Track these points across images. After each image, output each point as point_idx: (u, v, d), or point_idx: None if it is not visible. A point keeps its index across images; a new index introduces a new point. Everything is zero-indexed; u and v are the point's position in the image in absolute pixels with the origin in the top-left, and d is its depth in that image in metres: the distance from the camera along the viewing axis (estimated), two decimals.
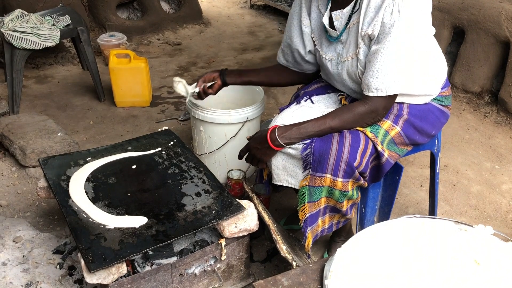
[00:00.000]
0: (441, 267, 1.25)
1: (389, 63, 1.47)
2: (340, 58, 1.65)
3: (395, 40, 1.45)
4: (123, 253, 1.44)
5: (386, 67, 1.47)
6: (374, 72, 1.49)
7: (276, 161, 1.69)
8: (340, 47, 1.65)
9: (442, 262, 1.26)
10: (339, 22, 1.61)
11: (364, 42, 1.54)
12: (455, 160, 2.67)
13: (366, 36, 1.52)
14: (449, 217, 2.21)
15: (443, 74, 1.73)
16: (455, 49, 3.44)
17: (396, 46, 1.45)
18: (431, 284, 1.20)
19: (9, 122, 2.71)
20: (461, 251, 1.29)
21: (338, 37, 1.63)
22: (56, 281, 1.77)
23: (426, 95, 1.69)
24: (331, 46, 1.68)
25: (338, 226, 1.74)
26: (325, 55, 1.71)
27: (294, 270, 1.31)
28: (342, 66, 1.65)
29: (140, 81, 3.23)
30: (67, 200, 1.68)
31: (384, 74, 1.48)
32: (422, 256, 1.28)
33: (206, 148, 2.39)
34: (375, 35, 1.48)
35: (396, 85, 1.51)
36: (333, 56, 1.68)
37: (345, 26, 1.59)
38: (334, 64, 1.69)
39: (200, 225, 1.57)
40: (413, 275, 1.22)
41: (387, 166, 1.63)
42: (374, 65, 1.49)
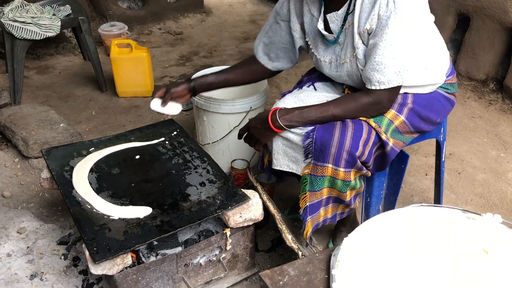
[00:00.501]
0: (449, 257, 1.23)
1: (389, 55, 1.44)
2: (339, 61, 1.62)
3: (393, 31, 1.42)
4: (128, 244, 1.43)
5: (386, 59, 1.45)
6: (374, 65, 1.46)
7: (276, 146, 1.67)
8: (338, 49, 1.61)
9: (450, 251, 1.25)
10: (335, 24, 1.58)
11: (363, 39, 1.50)
12: (460, 148, 2.65)
13: (365, 32, 1.48)
14: (455, 206, 2.20)
15: (446, 61, 1.71)
16: (459, 37, 3.40)
17: (394, 37, 1.42)
18: (439, 273, 1.19)
19: (11, 113, 2.70)
20: (469, 240, 1.28)
21: (335, 40, 1.60)
22: (61, 272, 1.76)
23: (431, 85, 1.67)
24: (328, 49, 1.65)
25: (342, 216, 1.73)
26: (323, 58, 1.68)
27: (301, 259, 1.30)
28: (341, 68, 1.62)
29: (141, 71, 3.21)
30: (70, 191, 1.66)
31: (385, 67, 1.45)
32: (429, 245, 1.27)
33: (209, 138, 2.38)
34: (373, 29, 1.46)
35: (398, 76, 1.48)
36: (332, 59, 1.65)
37: (341, 28, 1.56)
38: (333, 66, 1.66)
39: (205, 215, 1.56)
40: (421, 265, 1.21)
41: (392, 154, 1.61)
42: (373, 58, 1.46)
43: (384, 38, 1.42)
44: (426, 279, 1.18)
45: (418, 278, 1.18)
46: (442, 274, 1.19)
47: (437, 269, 1.20)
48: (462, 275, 1.18)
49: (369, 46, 1.49)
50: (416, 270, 1.20)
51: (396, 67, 1.46)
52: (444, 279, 1.17)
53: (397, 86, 1.51)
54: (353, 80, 1.63)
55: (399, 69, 1.46)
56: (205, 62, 3.91)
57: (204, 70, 2.48)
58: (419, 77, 1.61)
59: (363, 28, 1.48)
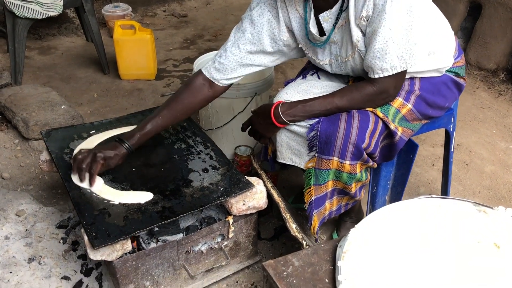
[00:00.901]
0: (458, 250, 1.19)
1: (389, 41, 1.37)
2: (340, 60, 1.55)
3: (390, 16, 1.34)
4: (128, 230, 1.40)
5: (387, 45, 1.38)
6: (375, 53, 1.40)
7: (280, 138, 1.62)
8: (335, 48, 1.54)
9: (460, 245, 1.21)
10: (328, 24, 1.50)
11: (362, 29, 1.43)
12: (468, 139, 2.60)
13: (362, 20, 1.40)
14: (462, 197, 2.16)
15: (451, 42, 1.63)
16: (470, 25, 3.32)
17: (392, 21, 1.35)
18: (447, 267, 1.15)
19: (11, 93, 2.65)
20: (479, 234, 1.24)
21: (326, 40, 1.52)
22: (59, 256, 1.73)
23: (439, 69, 1.60)
24: (325, 51, 1.58)
25: (347, 208, 1.69)
26: (322, 62, 1.61)
27: (305, 250, 1.27)
28: (345, 66, 1.56)
29: (145, 53, 3.15)
30: (70, 174, 1.62)
31: (386, 53, 1.39)
32: (438, 238, 1.23)
33: (213, 123, 2.33)
34: (370, 15, 1.38)
35: (401, 61, 1.41)
36: (331, 60, 1.58)
37: (333, 25, 1.48)
38: (335, 66, 1.59)
39: (208, 202, 1.52)
40: (429, 258, 1.17)
41: (400, 143, 1.57)
42: (373, 46, 1.39)
43: (383, 23, 1.35)
44: (434, 273, 1.14)
45: (425, 271, 1.14)
46: (450, 267, 1.15)
47: (445, 263, 1.17)
48: (471, 269, 1.14)
49: (367, 34, 1.42)
50: (423, 263, 1.16)
51: (398, 51, 1.39)
52: (452, 273, 1.13)
53: (401, 72, 1.44)
54: (358, 74, 1.57)
55: (401, 53, 1.40)
56: (210, 46, 3.85)
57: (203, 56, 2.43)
58: (426, 62, 1.55)
59: (359, 17, 1.40)
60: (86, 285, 1.64)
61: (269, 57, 1.65)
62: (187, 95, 1.67)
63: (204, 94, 1.67)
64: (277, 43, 1.61)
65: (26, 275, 1.64)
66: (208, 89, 1.67)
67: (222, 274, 1.70)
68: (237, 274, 1.74)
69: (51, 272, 1.67)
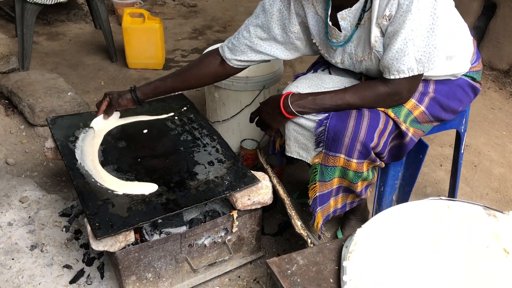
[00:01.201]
0: (465, 254, 1.17)
1: (409, 42, 1.34)
2: (355, 58, 1.52)
3: (415, 17, 1.31)
4: (131, 221, 1.38)
5: (406, 46, 1.34)
6: (394, 53, 1.36)
7: (288, 131, 1.60)
8: (350, 47, 1.51)
9: (468, 249, 1.19)
10: (346, 22, 1.46)
11: (381, 28, 1.39)
12: (478, 140, 2.56)
13: (384, 20, 1.36)
14: (469, 199, 2.13)
15: (470, 48, 1.60)
16: (483, 24, 3.27)
17: (416, 23, 1.31)
18: (453, 271, 1.13)
19: (18, 78, 2.64)
20: (488, 238, 1.21)
21: (347, 41, 1.49)
22: (61, 244, 1.72)
23: (454, 75, 1.57)
24: (337, 50, 1.55)
25: (352, 206, 1.66)
26: (334, 60, 1.58)
27: (310, 248, 1.25)
28: (360, 65, 1.53)
29: (153, 42, 3.13)
30: (74, 162, 1.61)
31: (405, 54, 1.35)
32: (446, 241, 1.21)
33: (219, 116, 2.31)
34: (392, 15, 1.34)
35: (419, 64, 1.37)
36: (344, 58, 1.55)
37: (356, 25, 1.44)
38: (349, 64, 1.56)
39: (212, 195, 1.50)
40: (435, 261, 1.15)
41: (410, 145, 1.54)
42: (393, 46, 1.36)
43: (406, 24, 1.31)
44: (441, 276, 1.12)
45: (432, 274, 1.12)
46: (457, 272, 1.13)
47: (453, 267, 1.15)
48: (479, 274, 1.12)
49: (387, 34, 1.38)
50: (430, 266, 1.14)
51: (417, 53, 1.35)
52: (459, 277, 1.12)
53: (418, 75, 1.41)
54: (373, 74, 1.54)
55: (420, 56, 1.36)
56: (218, 37, 3.82)
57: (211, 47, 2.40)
58: (443, 67, 1.51)
59: (381, 16, 1.36)
60: (87, 275, 1.63)
61: (281, 48, 1.63)
62: (198, 64, 1.73)
63: (214, 68, 1.71)
64: (287, 34, 1.59)
65: (28, 262, 1.64)
66: (219, 64, 1.71)
67: (224, 269, 1.68)
68: (240, 269, 1.73)
69: (53, 260, 1.66)
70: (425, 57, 1.36)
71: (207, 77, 1.75)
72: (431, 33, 1.33)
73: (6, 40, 3.31)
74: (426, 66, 1.38)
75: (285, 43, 1.62)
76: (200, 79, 1.75)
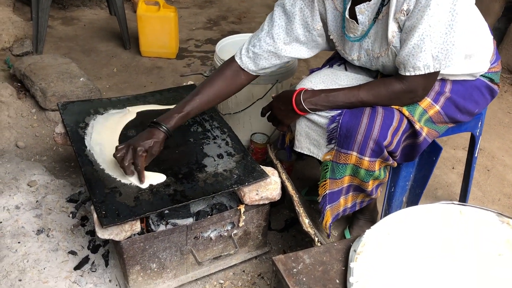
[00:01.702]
0: (476, 262, 1.15)
1: (426, 38, 1.30)
2: (372, 55, 1.48)
3: (434, 12, 1.27)
4: (138, 211, 1.37)
5: (423, 42, 1.30)
6: (410, 49, 1.33)
7: (299, 127, 1.57)
8: (367, 43, 1.47)
9: (478, 256, 1.16)
10: (364, 16, 1.43)
11: (399, 23, 1.35)
12: (492, 144, 2.52)
13: (402, 14, 1.33)
14: (481, 204, 2.09)
15: (490, 47, 1.56)
16: (503, 25, 3.21)
17: (434, 18, 1.28)
18: (462, 278, 1.10)
19: (31, 62, 2.64)
20: (501, 246, 1.18)
21: (364, 36, 1.45)
22: (68, 230, 1.72)
23: (472, 74, 1.53)
24: (354, 46, 1.51)
25: (362, 205, 1.64)
26: (351, 57, 1.55)
27: (317, 247, 1.23)
28: (376, 62, 1.49)
29: (168, 31, 3.11)
30: (83, 149, 1.60)
31: (421, 50, 1.31)
32: (456, 247, 1.18)
33: (230, 108, 2.29)
34: (410, 10, 1.31)
35: (435, 61, 1.34)
36: (361, 55, 1.51)
37: (373, 20, 1.41)
38: (365, 61, 1.52)
39: (220, 188, 1.49)
40: (446, 266, 1.13)
41: (424, 145, 1.51)
42: (410, 42, 1.32)
43: (425, 19, 1.28)
44: (449, 282, 1.09)
45: (441, 279, 1.10)
46: (466, 278, 1.10)
47: (462, 273, 1.12)
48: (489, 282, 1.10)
49: (404, 30, 1.34)
50: (440, 271, 1.12)
51: (434, 50, 1.32)
52: (468, 284, 1.09)
53: (434, 72, 1.37)
54: (389, 71, 1.51)
55: (437, 53, 1.32)
56: (233, 28, 3.79)
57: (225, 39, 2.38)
58: (461, 66, 1.48)
59: (399, 10, 1.32)
60: (92, 262, 1.63)
61: (303, 48, 1.60)
62: (221, 82, 1.62)
63: (237, 82, 1.64)
64: (310, 32, 1.55)
65: (33, 247, 1.64)
66: (241, 77, 1.64)
67: (229, 262, 1.67)
68: (244, 264, 1.72)
69: (59, 245, 1.66)
70: (442, 54, 1.32)
71: (231, 92, 1.66)
72: (449, 30, 1.30)
73: (21, 23, 3.32)
74: (443, 63, 1.34)
75: (307, 42, 1.58)
76: (225, 95, 1.65)
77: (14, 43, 3.16)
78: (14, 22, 3.25)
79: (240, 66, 1.62)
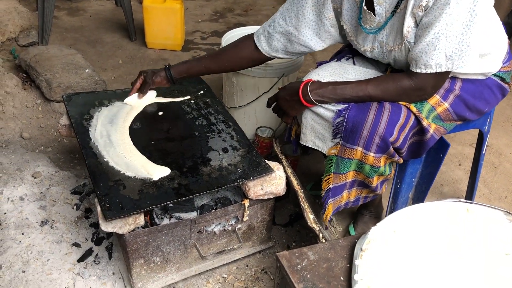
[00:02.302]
0: (484, 260, 1.13)
1: (441, 36, 1.27)
2: (385, 47, 1.46)
3: (453, 10, 1.24)
4: (141, 204, 1.36)
5: (438, 40, 1.28)
6: (424, 45, 1.30)
7: (305, 120, 1.56)
8: (382, 35, 1.45)
9: (486, 255, 1.14)
10: (382, 8, 1.40)
11: (416, 18, 1.33)
12: (499, 141, 2.49)
13: (420, 10, 1.30)
14: (487, 201, 2.07)
15: (504, 47, 1.54)
16: None
17: (453, 17, 1.25)
18: (468, 276, 1.09)
19: (37, 53, 2.63)
20: (508, 245, 1.17)
21: (381, 28, 1.43)
22: (71, 222, 1.72)
23: (484, 73, 1.51)
24: (368, 37, 1.49)
25: (366, 201, 1.62)
26: (364, 48, 1.52)
27: (322, 244, 1.22)
28: (389, 55, 1.47)
29: (173, 23, 3.09)
30: (88, 141, 1.59)
31: (435, 48, 1.29)
32: (464, 245, 1.17)
33: (236, 101, 2.27)
34: (429, 6, 1.28)
35: (448, 61, 1.31)
36: (374, 46, 1.49)
37: (392, 13, 1.38)
38: (378, 53, 1.50)
39: (225, 183, 1.48)
40: (452, 264, 1.11)
41: (431, 142, 1.49)
42: (425, 38, 1.30)
43: (443, 17, 1.25)
44: (455, 280, 1.08)
45: (447, 277, 1.09)
46: (472, 276, 1.09)
47: (468, 271, 1.11)
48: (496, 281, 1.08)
49: (420, 26, 1.32)
50: (446, 269, 1.10)
51: (448, 49, 1.29)
52: (475, 282, 1.08)
53: (445, 72, 1.35)
54: (400, 66, 1.48)
55: (451, 53, 1.30)
56: (239, 21, 3.76)
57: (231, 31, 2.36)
58: (474, 65, 1.45)
59: (418, 6, 1.30)
60: (96, 254, 1.63)
61: (315, 39, 1.58)
62: (234, 48, 1.70)
63: (250, 53, 1.68)
64: (322, 21, 1.54)
65: (37, 238, 1.64)
66: (253, 53, 1.68)
67: (233, 257, 1.67)
68: (248, 258, 1.71)
69: (62, 237, 1.66)
70: (456, 55, 1.30)
71: (242, 61, 1.72)
72: (466, 30, 1.27)
73: (27, 13, 3.30)
74: (456, 64, 1.32)
75: (319, 31, 1.56)
76: (236, 62, 1.72)
77: (20, 33, 3.15)
78: (20, 13, 3.24)
79: (256, 43, 1.65)
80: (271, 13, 3.92)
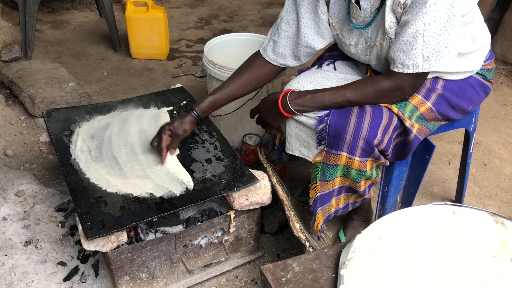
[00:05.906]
0: (472, 265, 1.11)
1: (419, 36, 1.26)
2: (368, 43, 1.45)
3: (429, 11, 1.23)
4: (123, 221, 1.34)
5: (415, 40, 1.27)
6: (402, 45, 1.29)
7: (289, 128, 1.54)
8: (368, 31, 1.43)
9: (474, 259, 1.13)
10: (367, 3, 1.39)
11: (396, 15, 1.32)
12: (488, 138, 2.48)
13: (399, 7, 1.29)
14: (478, 200, 2.06)
15: (485, 47, 1.53)
16: (498, 16, 3.16)
17: (430, 17, 1.24)
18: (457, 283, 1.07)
19: (19, 68, 2.60)
20: (495, 247, 1.15)
21: (368, 24, 1.41)
22: (56, 240, 1.69)
23: (465, 72, 1.50)
24: (353, 31, 1.47)
25: (355, 206, 1.61)
26: (348, 41, 1.50)
27: (307, 254, 1.19)
28: (370, 52, 1.46)
29: (157, 32, 3.07)
30: (68, 158, 1.57)
31: (412, 48, 1.28)
32: (451, 250, 1.15)
33: (221, 110, 2.24)
34: (408, 4, 1.27)
35: (425, 62, 1.30)
36: (358, 41, 1.47)
37: (377, 9, 1.37)
38: (361, 49, 1.49)
39: (209, 195, 1.45)
40: (437, 272, 1.09)
41: (415, 142, 1.47)
42: (402, 37, 1.29)
43: (419, 16, 1.24)
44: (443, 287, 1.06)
45: (434, 285, 1.07)
46: (461, 282, 1.07)
47: (456, 276, 1.09)
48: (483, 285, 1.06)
49: (400, 23, 1.31)
50: (433, 276, 1.08)
51: (425, 50, 1.28)
52: None
53: (422, 73, 1.34)
54: (382, 65, 1.47)
55: (428, 54, 1.28)
56: (225, 27, 3.75)
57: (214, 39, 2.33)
58: (454, 64, 1.43)
59: (396, 3, 1.29)
60: (82, 272, 1.60)
61: (316, 37, 1.56)
62: (249, 72, 1.65)
63: (263, 69, 1.65)
64: (319, 16, 1.52)
65: (21, 259, 1.61)
66: (264, 67, 1.65)
67: (221, 269, 1.64)
68: (238, 269, 1.69)
69: (47, 256, 1.63)
70: (434, 56, 1.28)
71: (261, 78, 1.66)
72: (444, 32, 1.26)
73: (10, 28, 3.28)
74: (433, 65, 1.30)
75: (318, 28, 1.54)
76: (256, 83, 1.66)
77: (3, 49, 3.12)
78: (2, 28, 3.21)
79: (263, 56, 1.64)
80: (256, 18, 3.91)
